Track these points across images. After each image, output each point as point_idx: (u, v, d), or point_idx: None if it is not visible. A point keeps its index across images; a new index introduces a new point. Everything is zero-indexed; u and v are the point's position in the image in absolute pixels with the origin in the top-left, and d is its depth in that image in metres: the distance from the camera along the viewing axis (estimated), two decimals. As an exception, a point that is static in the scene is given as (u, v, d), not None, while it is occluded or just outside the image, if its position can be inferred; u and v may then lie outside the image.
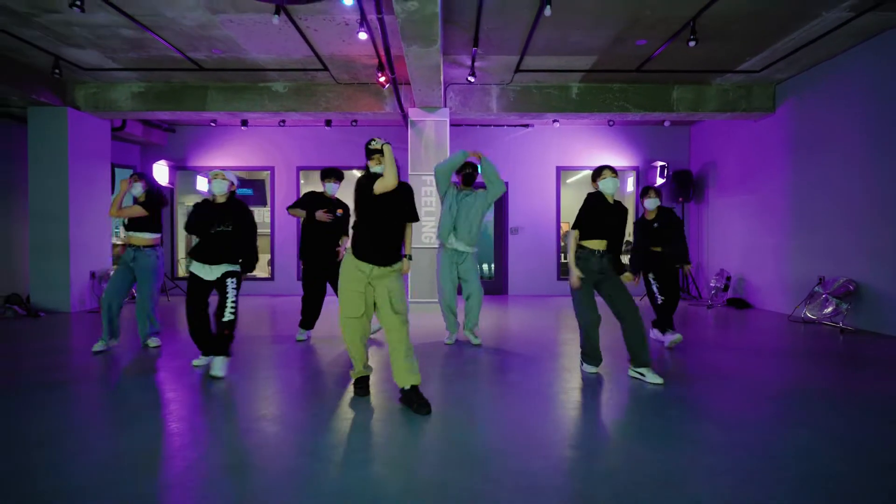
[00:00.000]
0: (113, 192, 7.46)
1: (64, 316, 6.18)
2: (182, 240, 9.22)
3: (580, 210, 3.50)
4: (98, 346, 4.06)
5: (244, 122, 7.84)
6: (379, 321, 2.89)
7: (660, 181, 8.22)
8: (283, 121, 7.96)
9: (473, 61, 5.69)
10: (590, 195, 3.52)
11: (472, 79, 5.89)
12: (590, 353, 3.55)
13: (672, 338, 4.35)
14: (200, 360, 3.70)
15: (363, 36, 4.55)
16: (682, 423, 2.56)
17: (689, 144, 8.76)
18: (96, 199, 6.95)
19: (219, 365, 3.36)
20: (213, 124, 8.33)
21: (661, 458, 2.13)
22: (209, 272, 3.44)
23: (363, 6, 4.28)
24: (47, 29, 4.96)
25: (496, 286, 8.80)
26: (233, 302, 3.42)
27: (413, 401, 2.72)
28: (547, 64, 5.99)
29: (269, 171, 8.85)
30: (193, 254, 3.46)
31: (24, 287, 6.95)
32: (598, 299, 3.53)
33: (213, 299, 3.53)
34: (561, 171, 8.77)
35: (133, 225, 4.13)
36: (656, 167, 8.29)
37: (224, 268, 3.47)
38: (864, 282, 5.21)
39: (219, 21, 4.80)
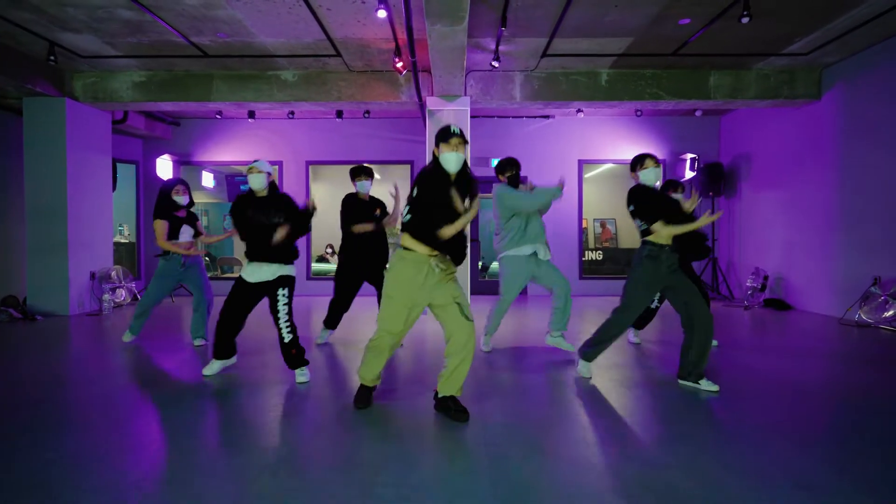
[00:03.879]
0: (114, 188, 7.12)
1: (62, 319, 5.83)
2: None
3: (647, 203, 3.11)
4: (126, 337, 4.44)
5: (251, 114, 7.45)
6: (445, 327, 2.62)
7: (690, 174, 7.78)
8: (292, 112, 7.56)
9: (498, 44, 5.26)
10: (641, 187, 3.20)
11: (495, 64, 5.45)
12: (598, 352, 3.30)
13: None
14: (212, 370, 3.41)
15: (382, 14, 4.13)
16: (756, 443, 2.15)
17: (719, 136, 8.30)
18: (96, 195, 6.59)
19: (302, 373, 3.32)
20: (218, 116, 7.94)
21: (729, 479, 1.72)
22: (259, 273, 3.21)
23: (383, -21, 3.86)
24: (39, 11, 4.57)
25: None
26: (286, 322, 3.24)
27: (451, 408, 2.61)
28: (577, 48, 5.55)
29: (276, 166, 8.47)
30: (247, 253, 3.26)
31: (20, 289, 6.62)
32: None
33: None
34: (583, 165, 8.34)
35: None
36: (685, 160, 7.84)
37: (276, 269, 3.23)
38: (928, 282, 4.77)
39: (224, 0, 4.40)
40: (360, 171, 4.26)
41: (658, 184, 3.34)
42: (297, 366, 3.31)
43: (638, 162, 3.26)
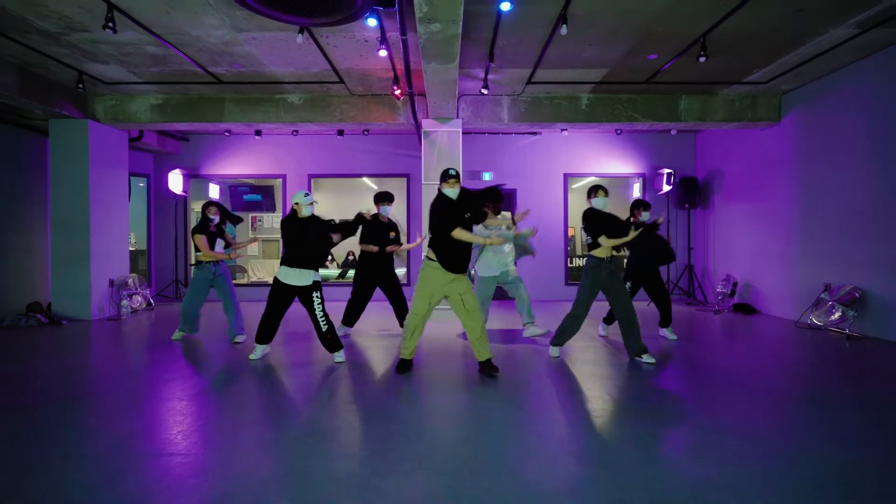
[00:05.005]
0: (129, 197, 7.61)
1: (85, 324, 6.32)
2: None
3: (594, 222, 4.08)
4: (176, 336, 5.21)
5: (258, 132, 7.98)
6: (457, 315, 3.77)
7: (666, 188, 8.37)
8: (296, 131, 8.11)
9: (486, 74, 5.83)
10: (591, 210, 4.15)
11: (485, 91, 6.03)
12: (565, 338, 4.27)
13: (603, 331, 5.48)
14: (256, 355, 4.28)
15: (383, 53, 4.69)
16: (698, 432, 2.69)
17: (695, 152, 8.91)
18: (115, 208, 7.09)
19: (339, 354, 4.22)
20: (227, 134, 8.47)
21: (678, 470, 2.27)
22: (298, 278, 4.04)
23: (384, 26, 4.42)
24: (74, 47, 5.10)
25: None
26: (321, 316, 4.07)
27: (486, 368, 3.78)
28: (558, 76, 6.13)
29: (280, 179, 8.99)
30: (286, 261, 4.09)
31: (42, 295, 7.08)
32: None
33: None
34: (568, 178, 8.92)
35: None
36: (663, 174, 8.44)
37: (310, 276, 4.08)
38: (869, 289, 5.35)
39: (241, 38, 4.94)
40: (384, 198, 5.11)
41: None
42: (335, 349, 4.15)
43: (591, 191, 4.19)
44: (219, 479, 2.19)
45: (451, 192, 3.66)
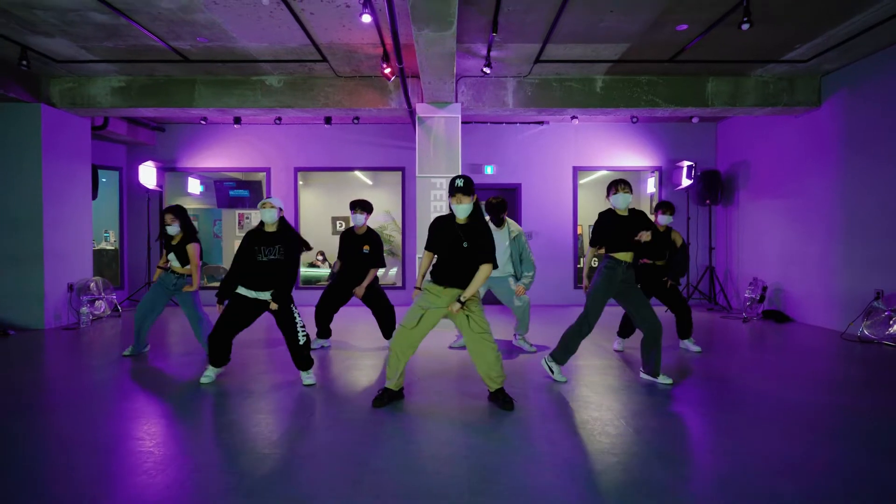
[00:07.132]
0: (95, 196, 6.88)
1: (35, 333, 5.59)
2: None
3: (596, 228, 3.61)
4: (127, 352, 4.48)
5: (237, 120, 7.24)
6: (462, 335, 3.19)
7: (686, 182, 7.62)
8: (279, 118, 7.37)
9: (489, 50, 5.08)
10: (602, 214, 3.62)
11: (487, 70, 5.27)
12: (564, 355, 3.60)
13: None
14: (209, 378, 3.61)
15: (367, 18, 3.93)
16: (748, 475, 1.96)
17: (716, 143, 8.14)
18: (74, 203, 6.35)
19: (308, 376, 3.59)
20: (203, 122, 7.72)
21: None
22: (259, 294, 3.49)
23: (367, -17, 3.67)
24: (7, 14, 4.36)
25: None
26: (302, 327, 3.51)
27: (498, 399, 3.10)
28: (571, 54, 5.38)
29: (264, 173, 8.26)
30: (241, 281, 3.52)
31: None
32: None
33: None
34: (578, 172, 8.17)
35: (176, 256, 4.27)
36: (682, 167, 7.68)
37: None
38: (933, 298, 4.61)
39: (201, 3, 4.19)
40: (355, 205, 4.53)
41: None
42: (307, 367, 3.56)
43: (610, 188, 3.57)
44: None
45: (458, 209, 2.98)
